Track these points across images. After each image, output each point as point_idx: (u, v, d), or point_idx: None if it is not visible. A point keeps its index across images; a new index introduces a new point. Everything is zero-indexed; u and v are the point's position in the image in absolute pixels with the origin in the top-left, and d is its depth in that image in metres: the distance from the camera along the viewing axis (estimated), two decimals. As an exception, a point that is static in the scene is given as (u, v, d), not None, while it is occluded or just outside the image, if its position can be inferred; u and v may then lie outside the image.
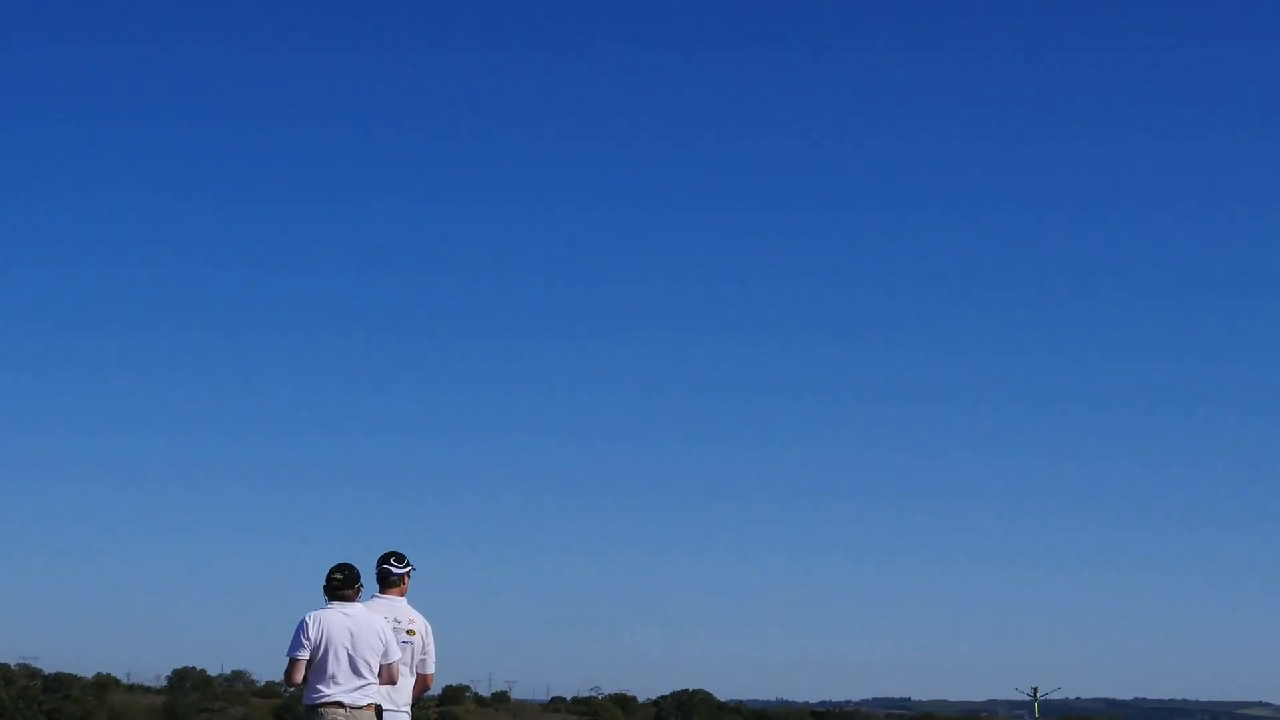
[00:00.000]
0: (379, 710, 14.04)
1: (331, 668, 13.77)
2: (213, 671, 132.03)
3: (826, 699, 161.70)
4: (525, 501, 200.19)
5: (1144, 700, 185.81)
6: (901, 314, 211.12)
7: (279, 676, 14.28)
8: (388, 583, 14.81)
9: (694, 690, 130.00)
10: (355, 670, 13.82)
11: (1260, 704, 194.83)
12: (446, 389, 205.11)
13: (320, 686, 13.81)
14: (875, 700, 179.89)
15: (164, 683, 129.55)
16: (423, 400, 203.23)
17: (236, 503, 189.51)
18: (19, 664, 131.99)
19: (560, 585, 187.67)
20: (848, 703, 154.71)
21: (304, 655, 13.81)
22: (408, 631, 14.63)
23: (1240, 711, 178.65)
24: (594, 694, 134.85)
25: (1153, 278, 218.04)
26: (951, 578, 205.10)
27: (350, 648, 13.81)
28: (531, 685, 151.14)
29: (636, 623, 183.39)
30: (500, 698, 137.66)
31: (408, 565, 14.85)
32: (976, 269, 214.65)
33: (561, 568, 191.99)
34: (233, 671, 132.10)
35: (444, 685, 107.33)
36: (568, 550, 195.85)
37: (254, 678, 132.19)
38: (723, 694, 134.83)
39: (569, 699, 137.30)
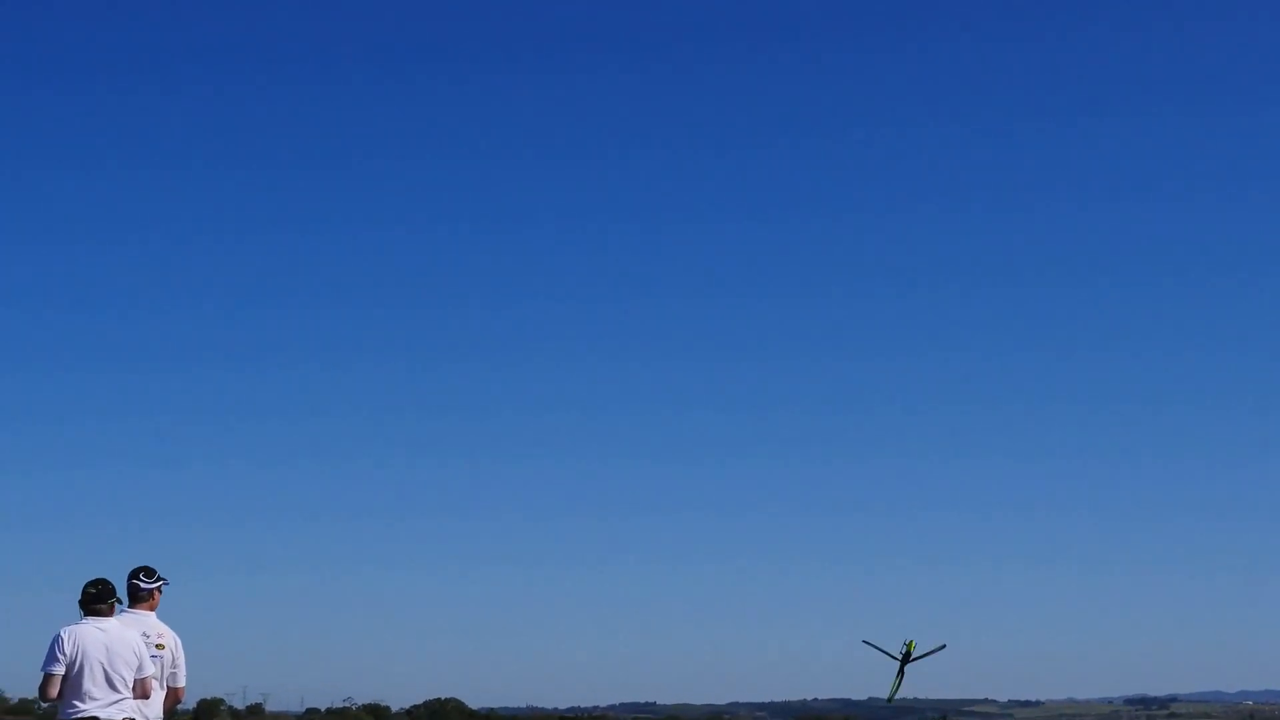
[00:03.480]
0: (132, 724, 14.18)
1: (87, 683, 13.90)
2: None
3: (575, 704, 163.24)
4: (271, 515, 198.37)
5: (875, 700, 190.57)
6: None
7: (33, 693, 14.58)
8: (137, 598, 14.85)
9: (446, 699, 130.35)
10: (110, 685, 13.98)
11: (985, 700, 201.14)
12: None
13: (76, 701, 13.93)
14: (622, 705, 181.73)
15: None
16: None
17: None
18: None
19: (311, 597, 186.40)
20: (595, 708, 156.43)
21: (59, 670, 13.90)
22: (157, 645, 14.69)
23: (968, 709, 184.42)
24: (348, 704, 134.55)
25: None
26: (691, 582, 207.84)
27: (106, 662, 13.97)
28: (286, 697, 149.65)
29: (388, 632, 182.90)
30: (255, 710, 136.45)
31: (158, 580, 14.92)
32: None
33: (311, 580, 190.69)
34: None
35: (198, 699, 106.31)
36: (317, 562, 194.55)
37: (6, 695, 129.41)
38: (474, 701, 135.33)
39: (323, 710, 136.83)
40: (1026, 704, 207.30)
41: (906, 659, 20.96)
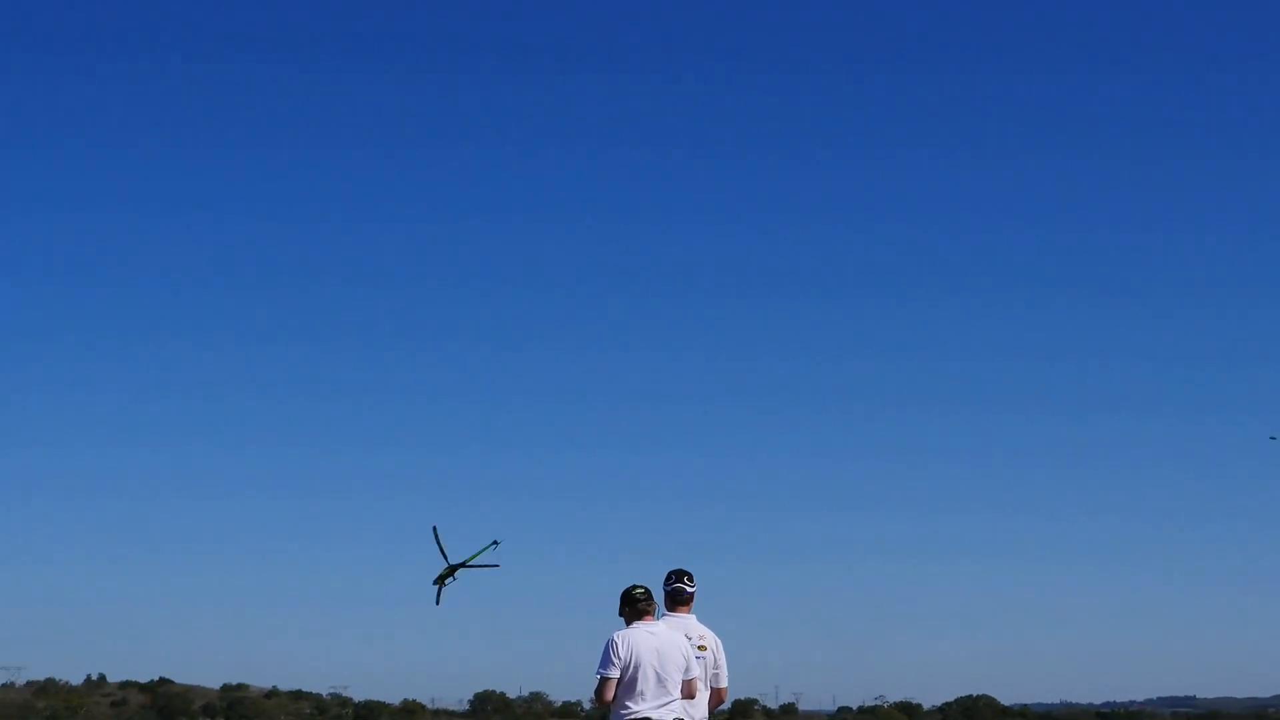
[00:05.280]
0: (680, 724, 14.71)
1: (641, 684, 14.53)
2: (512, 694, 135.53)
3: (1110, 700, 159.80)
4: (804, 514, 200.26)
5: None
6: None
7: (575, 696, 15.56)
8: (679, 600, 15.40)
9: (978, 695, 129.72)
10: (662, 686, 14.59)
11: None
12: (710, 407, 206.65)
13: (629, 703, 14.58)
14: (1159, 699, 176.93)
15: (466, 706, 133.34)
16: (688, 416, 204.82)
17: (527, 530, 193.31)
18: (330, 693, 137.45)
19: (843, 595, 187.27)
20: (1132, 703, 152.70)
21: (615, 674, 14.56)
22: (699, 647, 15.16)
23: None
24: (879, 703, 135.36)
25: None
26: (1231, 574, 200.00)
27: (657, 665, 14.58)
28: (818, 696, 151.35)
29: (920, 628, 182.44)
30: (788, 709, 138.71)
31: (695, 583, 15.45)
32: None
33: (844, 578, 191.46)
34: (531, 693, 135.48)
35: (732, 699, 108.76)
36: (850, 560, 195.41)
37: (551, 698, 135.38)
38: (1006, 698, 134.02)
39: (855, 708, 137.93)
40: None
41: (463, 564, 20.16)
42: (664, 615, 15.23)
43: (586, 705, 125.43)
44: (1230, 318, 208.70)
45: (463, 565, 20.90)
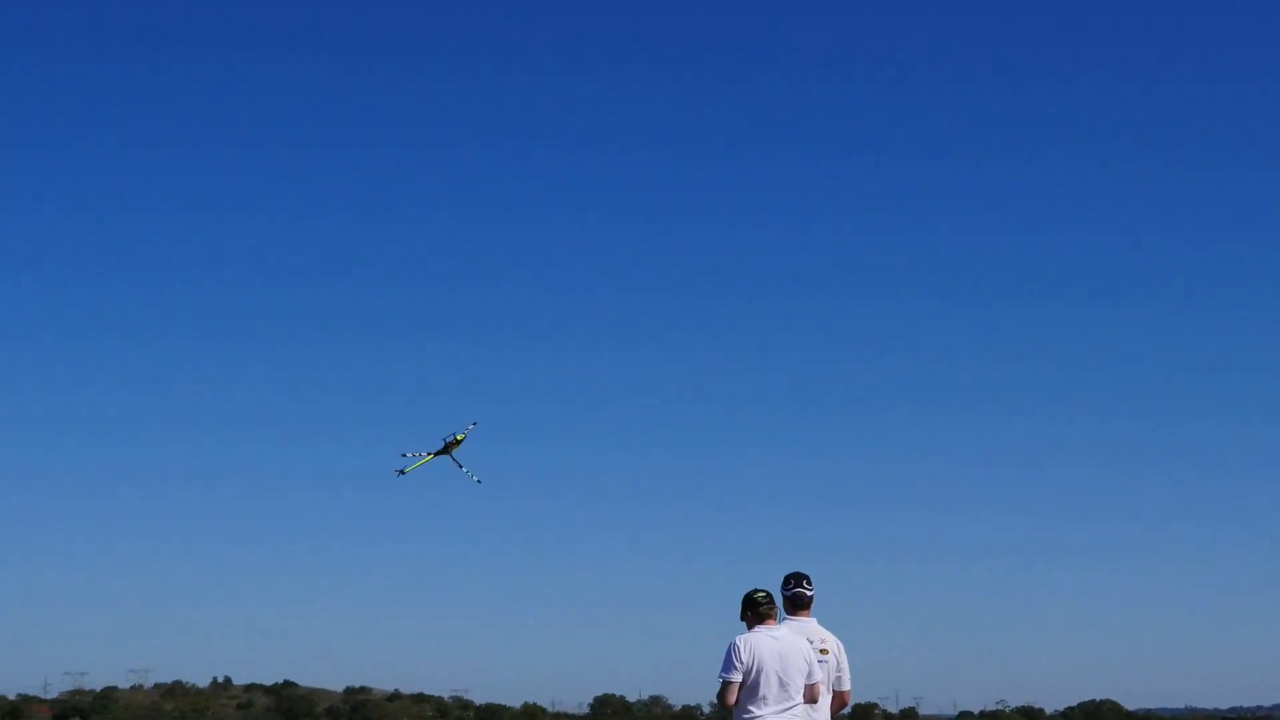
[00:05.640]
0: (804, 728, 14.61)
1: (763, 689, 14.40)
2: (631, 697, 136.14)
3: (1237, 704, 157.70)
4: (926, 517, 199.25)
5: None
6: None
7: (695, 700, 15.56)
8: (799, 604, 15.29)
9: (1101, 700, 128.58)
10: (784, 690, 14.46)
11: None
12: (826, 407, 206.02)
13: (751, 707, 14.45)
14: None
15: (586, 710, 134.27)
16: (812, 418, 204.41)
17: (642, 532, 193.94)
18: (452, 696, 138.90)
19: (965, 599, 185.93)
20: (1259, 707, 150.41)
21: (737, 678, 14.43)
22: (821, 651, 15.06)
23: None
24: (1000, 707, 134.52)
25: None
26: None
27: (779, 669, 14.44)
28: (939, 700, 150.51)
29: (1043, 633, 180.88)
30: (908, 714, 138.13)
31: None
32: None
33: (965, 581, 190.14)
34: (650, 696, 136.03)
35: (853, 703, 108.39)
36: (971, 564, 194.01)
37: (670, 702, 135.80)
38: (1130, 703, 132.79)
39: (976, 713, 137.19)
40: None
41: (447, 449, 20.11)
42: (784, 619, 15.14)
43: (706, 709, 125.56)
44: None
45: (457, 463, 21.30)
